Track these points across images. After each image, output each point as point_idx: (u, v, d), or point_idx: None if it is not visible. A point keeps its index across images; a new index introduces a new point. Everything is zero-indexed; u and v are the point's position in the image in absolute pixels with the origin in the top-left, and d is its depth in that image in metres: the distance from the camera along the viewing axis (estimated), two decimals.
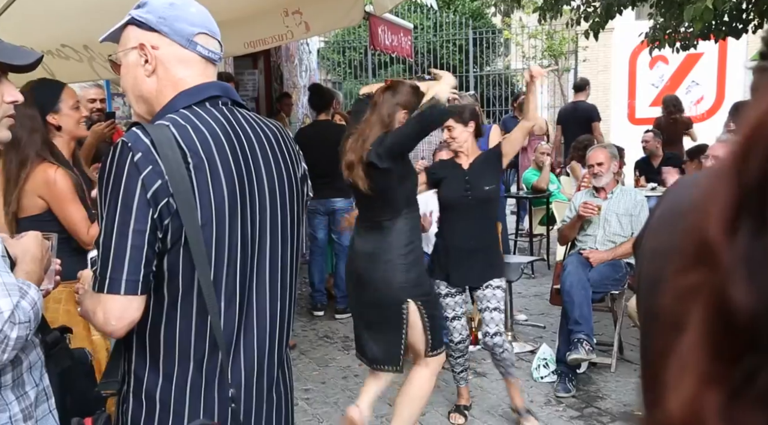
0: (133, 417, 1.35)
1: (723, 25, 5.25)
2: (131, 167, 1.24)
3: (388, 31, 6.09)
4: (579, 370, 4.08)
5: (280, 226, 1.43)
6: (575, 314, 3.91)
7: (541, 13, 6.05)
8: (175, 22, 1.39)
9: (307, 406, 3.89)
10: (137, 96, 1.42)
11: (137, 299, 1.26)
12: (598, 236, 4.26)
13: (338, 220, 5.30)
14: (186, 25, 1.40)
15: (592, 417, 3.68)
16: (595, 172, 4.34)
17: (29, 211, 2.53)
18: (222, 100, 1.41)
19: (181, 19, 1.39)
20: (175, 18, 1.39)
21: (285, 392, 1.50)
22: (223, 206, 1.31)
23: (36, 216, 2.51)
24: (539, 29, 12.44)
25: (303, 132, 5.75)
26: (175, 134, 1.29)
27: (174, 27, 1.38)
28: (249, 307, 1.38)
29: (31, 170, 2.51)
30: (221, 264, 1.32)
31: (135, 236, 1.24)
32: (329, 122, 5.52)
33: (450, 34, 12.86)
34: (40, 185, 2.51)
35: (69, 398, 1.49)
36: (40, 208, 2.53)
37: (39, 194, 2.52)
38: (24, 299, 1.28)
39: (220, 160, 1.33)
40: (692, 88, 13.46)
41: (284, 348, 1.49)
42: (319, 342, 5.01)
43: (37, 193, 2.52)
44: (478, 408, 3.83)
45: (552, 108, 14.46)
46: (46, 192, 2.52)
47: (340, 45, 13.58)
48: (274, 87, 8.20)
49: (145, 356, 1.34)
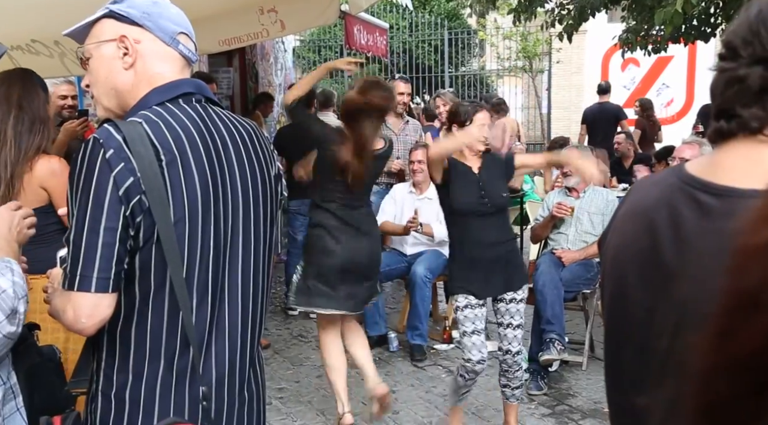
0: (102, 415, 1.33)
1: (692, 29, 5.36)
2: (103, 163, 1.23)
3: (363, 30, 6.09)
4: (551, 368, 4.13)
5: (252, 224, 1.43)
6: (547, 313, 3.96)
7: (516, 14, 6.11)
8: (159, 19, 1.39)
9: (281, 405, 3.88)
10: (109, 89, 1.41)
11: (108, 296, 1.25)
12: (570, 235, 4.32)
13: None
14: (170, 23, 1.40)
15: (564, 415, 3.73)
16: (565, 172, 4.40)
17: (31, 204, 2.48)
18: (195, 98, 1.40)
19: (165, 17, 1.40)
20: (159, 15, 1.39)
21: (257, 391, 1.49)
22: (196, 204, 1.31)
23: (39, 209, 2.44)
24: (514, 31, 12.53)
25: (283, 131, 5.68)
26: (148, 131, 1.28)
27: (158, 23, 1.39)
28: (221, 305, 1.38)
29: (34, 162, 2.47)
30: (194, 262, 1.31)
31: (106, 233, 1.23)
32: None
33: (425, 34, 12.90)
34: (46, 176, 2.47)
35: (37, 396, 1.47)
36: (43, 200, 2.49)
37: (43, 185, 2.49)
38: (14, 275, 1.28)
39: (193, 157, 1.32)
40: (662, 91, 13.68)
41: (256, 346, 1.48)
42: (293, 341, 4.99)
43: (42, 184, 2.48)
44: None
45: (527, 109, 14.59)
46: (51, 183, 2.48)
47: (316, 44, 13.55)
48: (249, 85, 8.15)
49: (114, 354, 1.33)
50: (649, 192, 0.96)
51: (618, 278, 0.94)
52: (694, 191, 0.89)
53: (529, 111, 14.60)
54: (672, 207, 0.90)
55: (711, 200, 0.86)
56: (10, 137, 2.45)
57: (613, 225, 1.00)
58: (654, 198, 0.94)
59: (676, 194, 0.91)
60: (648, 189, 0.98)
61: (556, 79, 13.85)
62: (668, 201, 0.91)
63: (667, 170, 1.02)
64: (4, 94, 2.48)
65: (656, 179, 1.01)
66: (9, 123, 2.45)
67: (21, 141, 2.46)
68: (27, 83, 2.52)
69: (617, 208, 1.06)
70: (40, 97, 2.53)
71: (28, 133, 2.48)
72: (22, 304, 1.31)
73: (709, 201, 0.86)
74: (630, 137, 7.14)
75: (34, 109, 2.50)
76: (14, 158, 2.45)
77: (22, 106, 2.48)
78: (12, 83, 2.51)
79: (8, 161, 2.45)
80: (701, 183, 0.88)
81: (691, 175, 0.91)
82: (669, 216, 0.90)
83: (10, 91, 2.49)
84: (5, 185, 2.44)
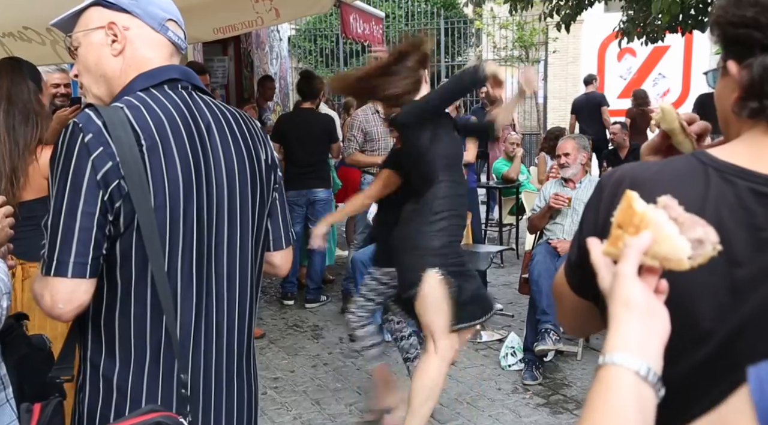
0: (90, 405, 1.32)
1: (689, 19, 5.34)
2: (81, 147, 1.22)
3: (359, 19, 6.05)
4: (546, 358, 4.14)
5: (239, 213, 1.40)
6: (543, 303, 3.96)
7: (512, 3, 6.07)
8: (148, 6, 1.38)
9: (275, 395, 3.88)
10: (98, 76, 1.39)
11: (86, 282, 1.23)
12: (566, 226, 4.31)
13: (318, 211, 5.20)
14: (158, 9, 1.40)
15: (558, 404, 3.74)
16: (561, 162, 4.38)
17: (33, 194, 2.47)
18: (182, 84, 1.39)
19: (154, 4, 1.40)
20: (148, 2, 1.39)
21: (248, 382, 1.48)
22: (177, 190, 1.29)
23: (40, 199, 2.44)
24: (510, 20, 12.48)
25: (284, 119, 5.61)
26: (129, 116, 1.26)
27: (147, 10, 1.38)
28: (208, 295, 1.36)
29: (38, 154, 2.46)
30: (176, 250, 1.30)
31: (84, 217, 1.21)
32: (313, 110, 5.40)
33: (421, 23, 12.84)
34: (46, 167, 2.44)
35: (27, 386, 1.45)
36: (44, 190, 2.47)
37: (45, 175, 2.46)
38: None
39: (176, 143, 1.30)
40: (659, 81, 13.66)
41: (246, 336, 1.46)
42: (288, 331, 4.99)
43: (44, 174, 2.44)
44: (447, 396, 3.86)
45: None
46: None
47: (312, 33, 13.48)
48: (245, 74, 8.11)
49: (101, 343, 1.32)
50: (682, 188, 0.88)
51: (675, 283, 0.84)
52: (758, 186, 0.85)
53: (524, 101, 14.57)
54: (736, 206, 0.86)
55: None
56: (3, 132, 2.43)
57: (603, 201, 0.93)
58: (697, 196, 0.87)
59: (731, 190, 0.86)
60: (675, 184, 0.89)
61: (552, 69, 13.81)
62: (726, 200, 0.86)
63: (678, 160, 0.96)
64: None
65: (674, 172, 0.93)
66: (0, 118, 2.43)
67: (16, 135, 2.44)
68: (15, 76, 2.50)
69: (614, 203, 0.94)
70: (29, 89, 2.50)
71: (23, 126, 2.46)
72: (5, 300, 1.30)
73: None
74: (625, 127, 7.14)
75: (24, 101, 2.47)
76: (12, 153, 2.43)
77: (12, 99, 2.46)
78: (0, 76, 2.48)
79: (6, 155, 2.43)
80: (762, 177, 0.86)
81: (740, 168, 0.87)
82: (736, 216, 0.85)
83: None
84: (6, 180, 2.43)
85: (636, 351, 0.74)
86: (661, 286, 0.80)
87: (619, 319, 0.77)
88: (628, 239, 0.77)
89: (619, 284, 0.77)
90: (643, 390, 0.72)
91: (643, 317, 0.76)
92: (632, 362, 0.73)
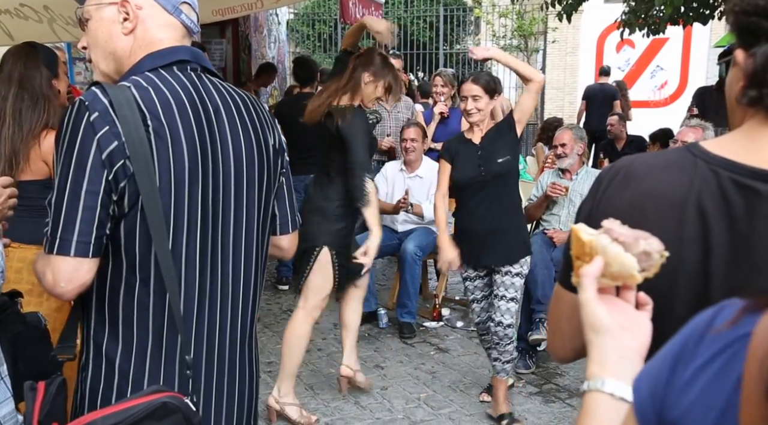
0: (92, 385, 1.32)
1: (691, 11, 5.32)
2: (87, 126, 1.20)
3: (359, 4, 6.00)
4: (539, 348, 4.15)
5: (245, 196, 1.39)
6: (537, 293, 3.96)
7: None
8: None
9: (269, 379, 3.88)
10: (108, 53, 1.37)
11: (88, 261, 1.22)
12: (562, 216, 4.31)
13: None
14: None
15: (551, 393, 3.76)
16: (558, 153, 4.37)
17: (33, 176, 2.49)
18: (191, 66, 1.37)
19: None
20: None
21: (250, 365, 1.48)
22: (182, 172, 1.27)
23: (40, 181, 2.49)
24: (510, 9, 12.43)
25: (283, 104, 5.59)
26: (136, 96, 1.25)
27: None
28: (213, 278, 1.35)
29: (42, 138, 2.48)
30: (180, 231, 1.28)
31: (88, 196, 1.20)
32: (312, 95, 5.39)
33: (421, 10, 12.77)
34: (48, 150, 2.46)
35: (22, 363, 1.45)
36: (44, 173, 2.51)
37: (45, 159, 2.49)
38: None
39: (182, 125, 1.28)
40: (657, 73, 13.66)
41: (250, 320, 1.46)
42: (283, 316, 4.99)
43: (44, 158, 2.49)
44: (440, 384, 3.87)
45: (521, 88, 14.50)
46: (51, 157, 2.46)
47: (310, 17, 13.39)
48: (242, 57, 8.06)
49: (104, 323, 1.31)
50: (669, 179, 0.91)
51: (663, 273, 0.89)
52: (740, 178, 0.87)
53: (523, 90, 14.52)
54: (717, 196, 0.87)
55: (763, 186, 0.85)
56: (9, 115, 2.47)
57: (623, 215, 0.88)
58: (682, 186, 0.90)
59: (714, 180, 0.88)
60: (663, 175, 0.93)
61: (550, 58, 13.77)
62: (708, 189, 0.88)
63: (672, 152, 0.98)
64: (7, 73, 2.53)
65: (665, 163, 0.95)
66: (8, 101, 2.48)
67: (22, 119, 2.48)
68: (30, 61, 2.55)
69: (607, 194, 0.98)
70: (42, 74, 2.54)
71: (31, 110, 2.50)
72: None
73: (763, 188, 0.85)
74: (623, 118, 7.13)
75: (35, 86, 2.52)
76: (15, 136, 2.46)
77: (23, 84, 2.51)
78: (15, 61, 2.54)
79: (8, 138, 2.46)
80: (745, 169, 0.87)
81: (726, 159, 0.89)
82: (716, 206, 0.87)
83: (12, 69, 2.53)
84: (6, 161, 2.45)
85: (610, 373, 0.78)
86: (641, 299, 0.84)
87: (591, 345, 0.81)
88: (583, 268, 0.82)
89: (584, 313, 0.82)
90: (621, 410, 0.75)
91: (614, 336, 0.80)
92: (607, 385, 0.78)
